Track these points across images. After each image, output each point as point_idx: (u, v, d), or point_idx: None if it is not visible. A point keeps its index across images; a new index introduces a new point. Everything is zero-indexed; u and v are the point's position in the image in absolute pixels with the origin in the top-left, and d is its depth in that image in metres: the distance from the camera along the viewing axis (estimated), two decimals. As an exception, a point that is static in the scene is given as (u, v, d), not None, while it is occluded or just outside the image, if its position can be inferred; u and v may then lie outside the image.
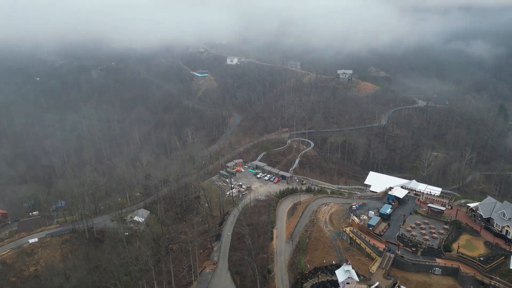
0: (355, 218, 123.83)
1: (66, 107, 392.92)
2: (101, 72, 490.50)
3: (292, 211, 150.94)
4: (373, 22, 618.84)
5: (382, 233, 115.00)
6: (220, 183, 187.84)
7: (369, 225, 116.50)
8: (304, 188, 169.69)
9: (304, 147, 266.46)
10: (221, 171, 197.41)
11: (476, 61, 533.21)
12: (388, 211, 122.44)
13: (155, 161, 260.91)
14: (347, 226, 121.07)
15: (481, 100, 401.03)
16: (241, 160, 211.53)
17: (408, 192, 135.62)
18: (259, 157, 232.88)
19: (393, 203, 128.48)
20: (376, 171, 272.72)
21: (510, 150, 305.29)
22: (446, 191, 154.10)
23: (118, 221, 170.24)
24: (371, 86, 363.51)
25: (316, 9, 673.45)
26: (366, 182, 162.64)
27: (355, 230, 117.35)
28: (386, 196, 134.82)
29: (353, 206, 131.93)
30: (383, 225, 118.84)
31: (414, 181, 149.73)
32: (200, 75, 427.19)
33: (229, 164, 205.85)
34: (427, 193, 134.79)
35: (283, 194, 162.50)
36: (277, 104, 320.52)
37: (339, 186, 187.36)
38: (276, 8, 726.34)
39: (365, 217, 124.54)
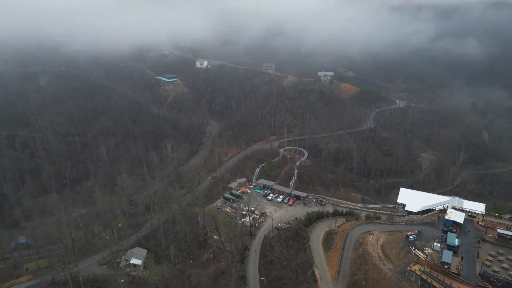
0: (420, 253, 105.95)
1: (14, 121, 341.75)
2: (51, 79, 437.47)
3: (327, 242, 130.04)
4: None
5: (459, 272, 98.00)
6: (227, 210, 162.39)
7: (444, 263, 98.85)
8: (330, 210, 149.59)
9: (297, 156, 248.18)
10: (226, 195, 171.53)
11: (432, 59, 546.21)
12: (457, 241, 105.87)
13: (135, 182, 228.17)
14: (414, 264, 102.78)
15: (449, 99, 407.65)
16: (245, 180, 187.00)
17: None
18: (256, 172, 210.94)
19: (454, 230, 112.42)
20: (373, 178, 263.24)
21: (492, 147, 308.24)
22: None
23: (114, 266, 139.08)
24: (351, 87, 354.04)
25: (300, 11, 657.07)
26: (398, 200, 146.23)
27: (426, 270, 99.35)
28: (441, 221, 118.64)
29: (410, 236, 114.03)
30: (457, 260, 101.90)
31: (457, 198, 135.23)
32: (167, 80, 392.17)
33: (232, 185, 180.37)
34: (484, 214, 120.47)
35: (310, 221, 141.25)
36: (262, 111, 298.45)
37: (364, 204, 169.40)
38: (249, 9, 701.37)
39: (429, 250, 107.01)
